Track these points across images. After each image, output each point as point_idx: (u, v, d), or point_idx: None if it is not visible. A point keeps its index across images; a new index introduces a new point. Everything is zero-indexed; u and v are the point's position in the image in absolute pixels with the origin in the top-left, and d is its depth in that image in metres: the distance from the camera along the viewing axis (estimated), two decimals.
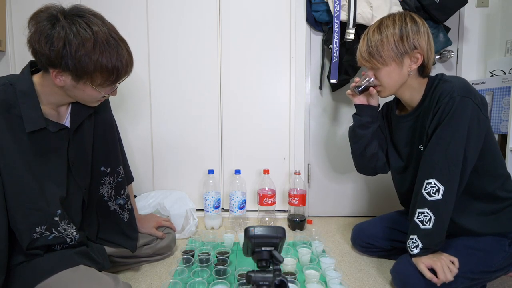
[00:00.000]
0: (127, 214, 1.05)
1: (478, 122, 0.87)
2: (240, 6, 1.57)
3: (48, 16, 0.74)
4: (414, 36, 0.93)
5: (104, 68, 0.77)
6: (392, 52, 0.94)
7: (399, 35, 0.93)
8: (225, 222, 1.56)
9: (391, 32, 0.94)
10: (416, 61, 0.95)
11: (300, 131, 1.62)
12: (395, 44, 0.94)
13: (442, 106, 0.88)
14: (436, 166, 0.89)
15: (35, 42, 0.73)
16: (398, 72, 0.97)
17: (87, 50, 0.74)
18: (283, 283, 0.60)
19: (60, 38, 0.72)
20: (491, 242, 0.92)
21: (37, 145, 0.81)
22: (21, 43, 1.63)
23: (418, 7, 1.46)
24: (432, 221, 0.89)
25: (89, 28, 0.75)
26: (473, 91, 0.89)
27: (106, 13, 0.84)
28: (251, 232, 0.63)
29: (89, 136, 0.95)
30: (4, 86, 0.78)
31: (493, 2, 1.58)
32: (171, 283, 0.94)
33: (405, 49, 0.94)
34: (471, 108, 0.86)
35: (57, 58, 0.73)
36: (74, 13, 0.76)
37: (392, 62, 0.95)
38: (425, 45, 0.94)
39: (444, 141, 0.88)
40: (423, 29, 0.94)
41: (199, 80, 1.61)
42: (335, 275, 0.98)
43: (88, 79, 0.78)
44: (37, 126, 0.79)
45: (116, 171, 1.04)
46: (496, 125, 1.47)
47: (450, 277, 0.85)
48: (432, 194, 0.89)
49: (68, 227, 0.86)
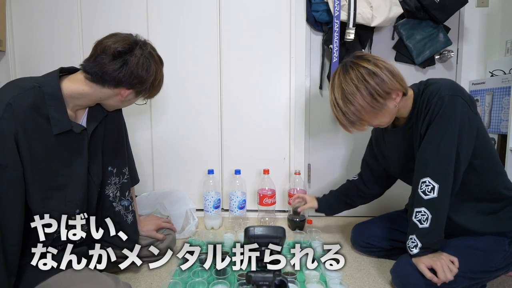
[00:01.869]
0: (130, 216, 1.06)
1: (468, 118, 0.87)
2: (240, 6, 1.57)
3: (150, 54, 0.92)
4: (381, 86, 0.89)
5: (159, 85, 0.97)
6: (373, 110, 0.92)
7: (369, 96, 0.90)
8: (225, 222, 1.55)
9: (360, 97, 0.90)
10: (396, 96, 0.93)
11: (300, 131, 1.62)
12: (370, 105, 0.90)
13: (432, 106, 0.89)
14: (429, 164, 0.89)
15: (138, 67, 0.87)
16: (388, 112, 0.94)
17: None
18: (283, 283, 0.60)
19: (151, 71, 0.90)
20: (491, 241, 0.92)
21: (62, 147, 0.84)
22: (21, 43, 1.63)
23: (418, 7, 1.46)
24: (429, 219, 0.89)
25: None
26: (461, 89, 0.90)
27: (106, 13, 0.86)
28: (251, 232, 0.63)
29: (101, 136, 0.98)
30: (33, 89, 0.80)
31: (493, 2, 1.58)
32: (171, 283, 0.95)
33: (382, 101, 0.91)
34: (461, 105, 0.86)
35: (141, 83, 0.89)
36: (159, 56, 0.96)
37: (378, 113, 0.93)
38: (393, 82, 0.91)
39: (435, 139, 0.88)
40: (382, 72, 0.90)
41: (199, 80, 1.61)
42: (335, 275, 0.98)
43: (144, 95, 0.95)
44: (64, 128, 0.83)
45: (122, 171, 1.05)
46: (496, 125, 1.47)
47: (450, 276, 0.85)
48: (427, 192, 0.89)
49: (81, 227, 0.87)
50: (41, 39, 1.62)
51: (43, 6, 1.60)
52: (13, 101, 0.76)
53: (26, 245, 0.80)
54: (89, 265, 0.87)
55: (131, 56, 0.86)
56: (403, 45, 1.57)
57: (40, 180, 0.79)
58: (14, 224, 0.75)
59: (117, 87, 0.87)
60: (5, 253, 0.74)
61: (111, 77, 0.84)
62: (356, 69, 0.92)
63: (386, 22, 1.42)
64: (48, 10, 1.60)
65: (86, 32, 1.60)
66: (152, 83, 0.92)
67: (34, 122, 0.78)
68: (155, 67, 0.91)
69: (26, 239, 0.80)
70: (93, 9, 1.58)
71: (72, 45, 1.61)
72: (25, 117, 0.77)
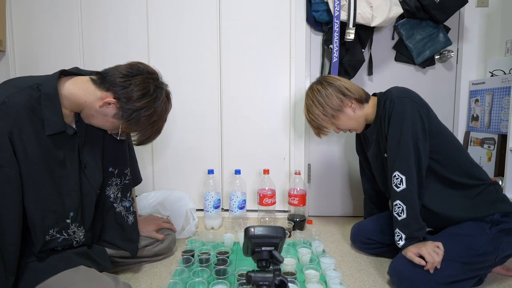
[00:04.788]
0: (131, 217, 1.06)
1: (419, 115, 1.00)
2: (240, 6, 1.57)
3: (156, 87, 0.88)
4: (325, 100, 1.12)
5: (148, 132, 0.90)
6: (326, 118, 1.14)
7: (320, 107, 1.13)
8: (225, 222, 1.55)
9: (315, 108, 1.14)
10: (352, 104, 1.13)
11: (300, 131, 1.62)
12: (323, 113, 1.13)
13: (387, 110, 1.05)
14: (395, 159, 1.01)
15: (138, 85, 0.84)
16: (348, 118, 1.14)
17: (149, 115, 0.87)
18: (283, 283, 0.60)
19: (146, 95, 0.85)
20: (471, 226, 0.99)
21: (56, 148, 0.83)
22: (21, 43, 1.63)
23: (418, 7, 1.46)
24: (405, 210, 0.98)
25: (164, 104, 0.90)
26: (410, 92, 1.06)
27: (106, 13, 0.85)
28: (251, 232, 0.63)
29: (99, 137, 0.96)
30: (29, 89, 0.79)
31: (493, 2, 1.58)
32: (171, 283, 0.95)
33: (331, 112, 1.12)
34: (409, 104, 1.01)
35: (128, 100, 0.83)
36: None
37: (332, 120, 1.14)
38: (333, 97, 1.12)
39: (395, 137, 1.02)
40: (326, 90, 1.13)
41: (199, 80, 1.62)
42: (335, 275, 0.98)
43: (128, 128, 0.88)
44: (57, 130, 0.81)
45: (124, 172, 1.04)
46: (496, 125, 1.47)
47: (438, 258, 0.90)
48: (398, 185, 1.00)
49: (77, 230, 0.88)
50: (41, 39, 1.62)
51: (43, 6, 1.60)
52: (8, 100, 0.75)
53: (25, 245, 0.80)
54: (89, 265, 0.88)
55: (142, 76, 0.85)
56: (403, 45, 1.57)
57: (35, 180, 0.78)
58: (11, 224, 0.75)
59: (108, 91, 0.83)
60: (3, 253, 0.74)
61: (111, 79, 0.83)
62: (312, 87, 1.18)
63: (386, 22, 1.42)
64: (48, 10, 1.60)
65: (86, 32, 1.60)
66: (138, 110, 0.83)
67: (29, 122, 0.77)
68: (154, 102, 0.85)
69: (24, 239, 0.79)
70: (93, 9, 1.58)
71: (72, 45, 1.61)
72: (20, 116, 0.76)
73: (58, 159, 0.83)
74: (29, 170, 0.77)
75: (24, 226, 0.78)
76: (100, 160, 0.97)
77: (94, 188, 0.94)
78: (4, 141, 0.73)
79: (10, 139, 0.74)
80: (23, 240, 0.79)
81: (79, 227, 0.88)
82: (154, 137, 0.93)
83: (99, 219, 1.00)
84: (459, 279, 0.92)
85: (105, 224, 1.01)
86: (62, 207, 0.84)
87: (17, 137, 0.75)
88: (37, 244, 0.79)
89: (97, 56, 1.61)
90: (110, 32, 1.59)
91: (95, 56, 1.61)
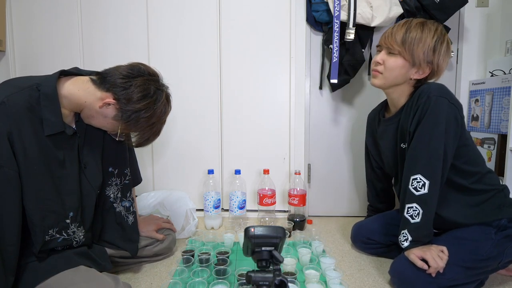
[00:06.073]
0: (131, 217, 1.06)
1: (455, 119, 0.93)
2: (240, 6, 1.57)
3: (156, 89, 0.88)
4: (442, 56, 0.99)
5: (147, 134, 0.89)
6: (420, 53, 0.98)
7: (433, 47, 0.98)
8: (225, 222, 1.55)
9: (430, 39, 0.98)
10: (422, 73, 1.01)
11: (300, 131, 1.62)
12: (426, 49, 0.98)
13: (420, 106, 0.95)
14: (419, 161, 0.94)
15: (139, 86, 0.84)
16: (403, 72, 1.02)
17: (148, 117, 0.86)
18: (283, 283, 0.60)
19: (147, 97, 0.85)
20: (477, 231, 0.96)
21: (56, 148, 0.83)
22: (21, 43, 1.63)
23: (418, 7, 1.46)
24: (420, 214, 0.93)
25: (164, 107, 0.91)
26: (449, 93, 0.95)
27: (106, 13, 0.85)
28: (251, 232, 0.63)
29: (99, 137, 0.96)
30: (28, 89, 0.79)
31: (493, 2, 1.58)
32: (171, 283, 0.94)
33: (428, 60, 0.99)
34: (447, 106, 0.92)
35: (127, 101, 0.83)
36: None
37: (409, 60, 1.00)
38: (443, 65, 1.00)
39: (425, 137, 0.93)
40: (448, 53, 1.01)
41: (199, 80, 1.61)
42: (335, 275, 0.98)
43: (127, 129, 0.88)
44: (56, 130, 0.81)
45: (124, 172, 1.04)
46: (496, 125, 1.47)
47: (442, 264, 0.88)
48: (418, 189, 0.94)
49: (77, 230, 0.87)
50: (41, 39, 1.62)
51: (43, 6, 1.60)
52: (7, 100, 0.75)
53: (24, 245, 0.80)
54: (89, 265, 0.88)
55: (142, 78, 0.86)
56: None
57: (35, 180, 0.78)
58: (11, 224, 0.75)
59: (108, 91, 0.83)
60: (3, 253, 0.74)
61: (112, 79, 0.83)
62: (443, 31, 1.02)
63: (386, 22, 1.42)
64: (48, 10, 1.60)
65: (86, 32, 1.60)
66: (137, 112, 0.84)
67: (28, 122, 0.77)
68: (154, 103, 0.86)
69: (24, 239, 0.79)
70: (93, 9, 1.58)
71: (72, 45, 1.61)
72: (19, 116, 0.76)
73: (58, 159, 0.83)
74: (28, 170, 0.77)
75: (24, 226, 0.78)
76: (100, 160, 0.97)
77: (94, 188, 0.94)
78: (4, 141, 0.73)
79: (9, 139, 0.74)
80: (23, 240, 0.79)
81: (79, 227, 0.88)
82: (153, 139, 0.93)
83: (99, 219, 1.00)
84: (461, 283, 0.91)
85: (105, 224, 1.01)
86: (62, 207, 0.84)
87: (16, 137, 0.75)
88: (37, 244, 0.79)
89: (97, 56, 1.61)
90: (110, 32, 1.59)
91: (95, 56, 1.61)
